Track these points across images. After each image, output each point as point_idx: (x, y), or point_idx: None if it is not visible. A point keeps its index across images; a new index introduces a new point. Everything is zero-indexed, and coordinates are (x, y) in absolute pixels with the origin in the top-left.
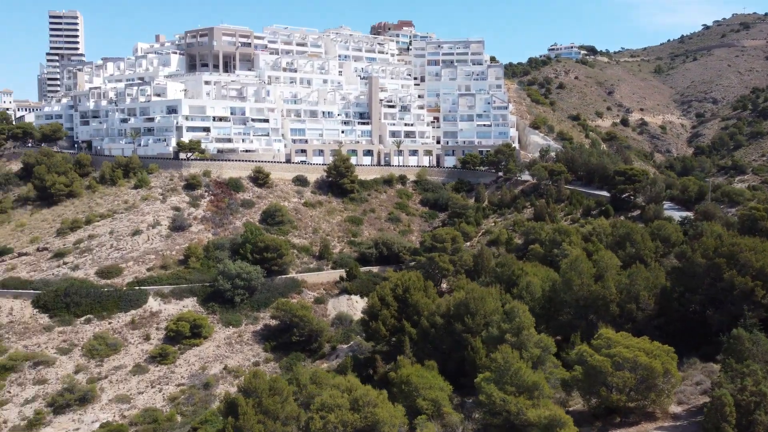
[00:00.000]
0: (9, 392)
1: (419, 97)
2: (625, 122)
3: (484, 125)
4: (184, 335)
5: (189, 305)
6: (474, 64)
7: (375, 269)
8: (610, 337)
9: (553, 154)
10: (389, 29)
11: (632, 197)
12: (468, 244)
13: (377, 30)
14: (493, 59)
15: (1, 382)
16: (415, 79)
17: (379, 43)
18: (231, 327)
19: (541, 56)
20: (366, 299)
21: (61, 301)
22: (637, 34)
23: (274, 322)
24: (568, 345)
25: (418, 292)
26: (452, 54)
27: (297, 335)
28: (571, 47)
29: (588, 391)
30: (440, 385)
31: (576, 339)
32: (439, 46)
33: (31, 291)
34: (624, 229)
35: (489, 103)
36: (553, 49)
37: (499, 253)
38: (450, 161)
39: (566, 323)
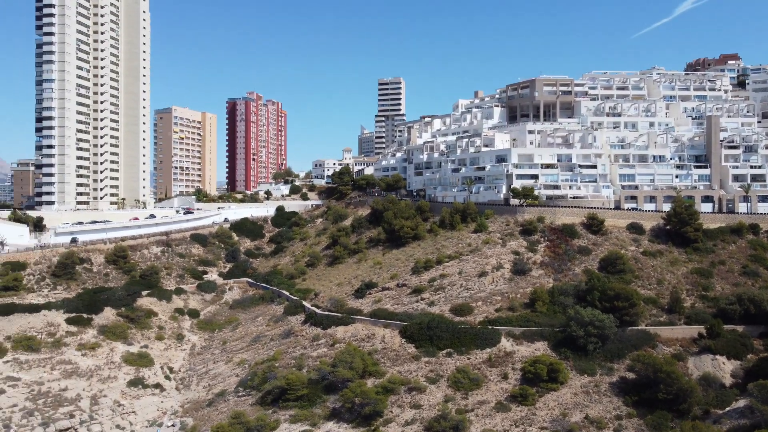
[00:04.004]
0: (391, 412)
1: (766, 135)
2: None
3: None
4: (541, 378)
5: (540, 348)
6: None
7: (739, 328)
8: None
9: None
10: (709, 65)
11: None
12: None
13: (694, 67)
14: None
15: (385, 401)
16: (756, 116)
17: (709, 80)
18: (585, 375)
19: None
20: (734, 361)
21: (425, 334)
22: None
23: (630, 375)
24: None
25: None
26: None
27: (664, 392)
28: None
29: None
30: None
31: None
32: None
33: (398, 322)
34: None
35: None
36: None
37: None
38: None
39: None
